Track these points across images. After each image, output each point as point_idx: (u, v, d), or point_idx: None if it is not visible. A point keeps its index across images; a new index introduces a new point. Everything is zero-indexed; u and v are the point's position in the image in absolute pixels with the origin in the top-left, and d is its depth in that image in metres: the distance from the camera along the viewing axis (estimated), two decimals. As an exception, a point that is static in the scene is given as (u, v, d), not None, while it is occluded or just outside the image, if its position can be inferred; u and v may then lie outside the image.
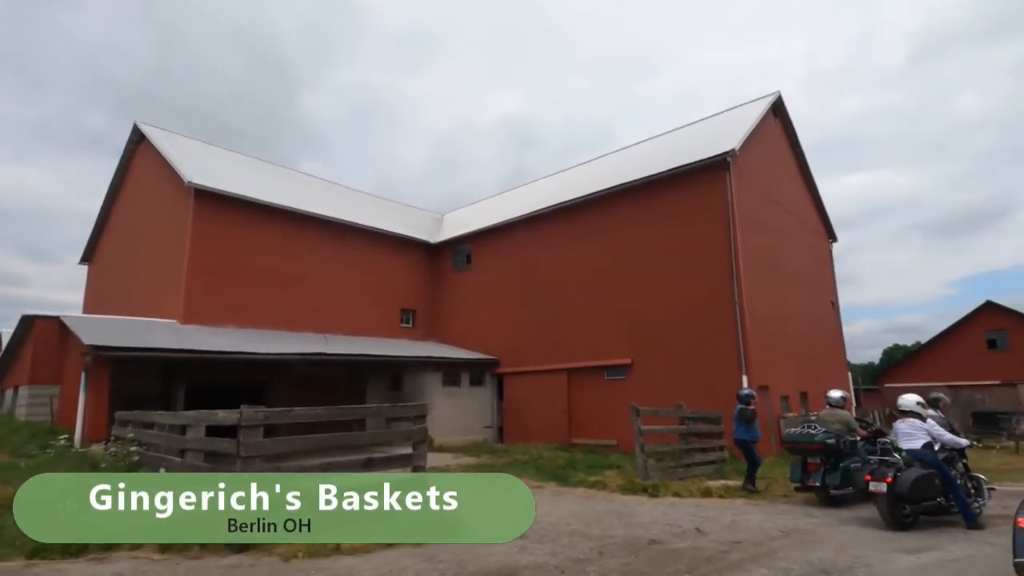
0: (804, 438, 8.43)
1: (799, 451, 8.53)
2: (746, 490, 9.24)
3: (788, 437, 8.75)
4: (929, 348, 28.96)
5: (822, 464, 8.30)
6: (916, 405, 7.26)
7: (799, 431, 8.71)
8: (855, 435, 8.85)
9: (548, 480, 10.88)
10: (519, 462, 13.67)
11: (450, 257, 22.53)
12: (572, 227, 18.43)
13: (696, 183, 15.67)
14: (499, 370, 19.66)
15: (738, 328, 14.19)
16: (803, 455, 8.49)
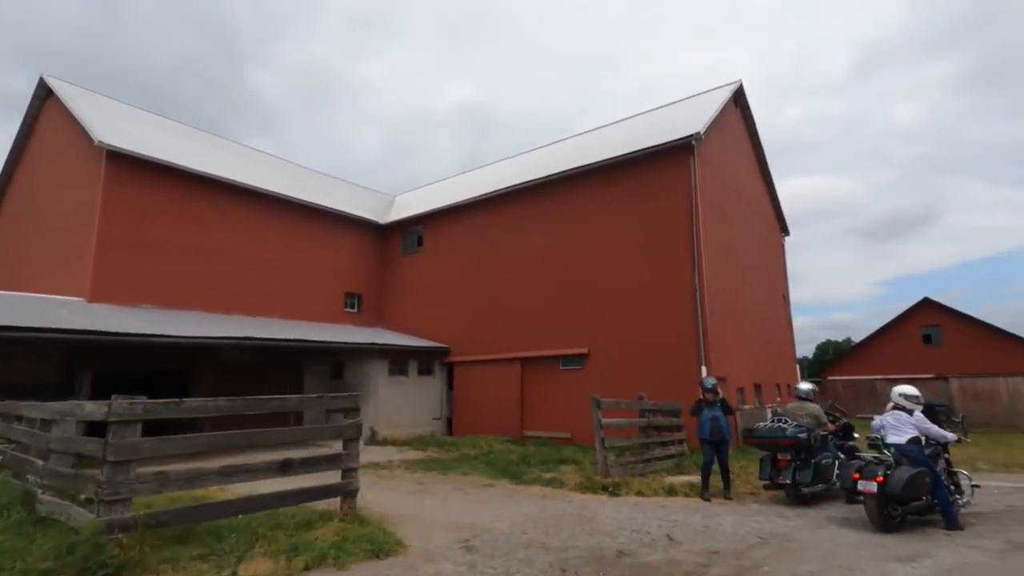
0: (775, 433, 7.88)
1: (769, 447, 7.99)
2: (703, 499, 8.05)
3: (758, 432, 8.19)
4: (869, 342, 29.93)
5: (792, 460, 7.78)
6: (902, 398, 6.78)
7: (769, 426, 8.17)
8: (825, 429, 8.40)
9: (500, 477, 10.02)
10: (468, 457, 12.78)
11: (400, 239, 21.25)
12: (529, 210, 17.57)
13: (659, 167, 15.08)
14: (450, 359, 18.64)
15: (698, 317, 13.72)
16: (773, 451, 7.95)
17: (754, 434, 8.29)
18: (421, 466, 11.60)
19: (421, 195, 24.48)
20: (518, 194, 17.86)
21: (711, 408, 8.59)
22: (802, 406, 8.64)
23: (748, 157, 20.43)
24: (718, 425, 8.43)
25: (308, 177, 23.38)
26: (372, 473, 10.80)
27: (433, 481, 9.85)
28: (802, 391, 9.01)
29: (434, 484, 9.52)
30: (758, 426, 8.42)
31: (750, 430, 15.27)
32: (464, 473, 10.56)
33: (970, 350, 25.81)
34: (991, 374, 25.82)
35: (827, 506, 7.64)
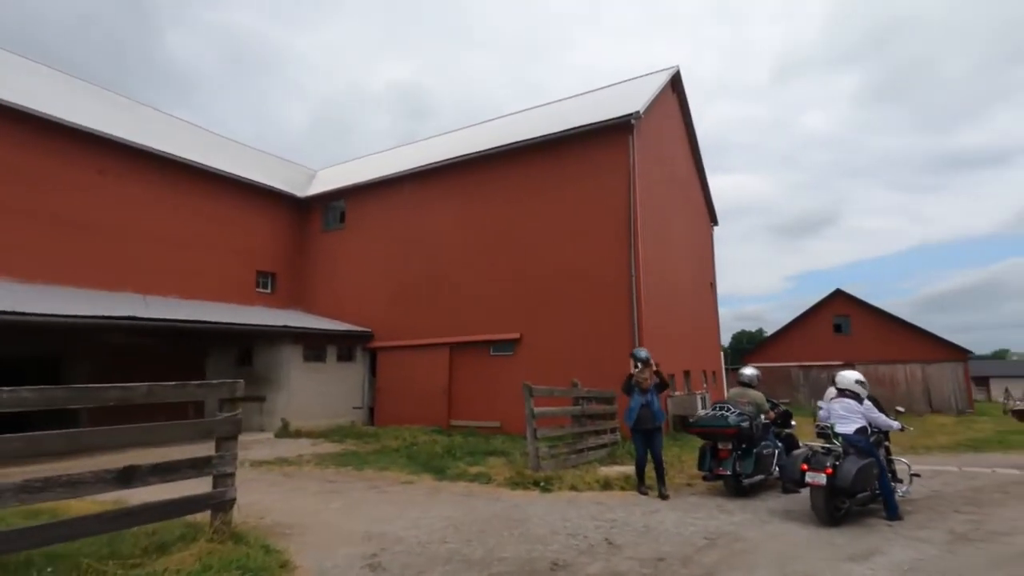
0: (717, 422, 7.43)
1: (710, 436, 7.55)
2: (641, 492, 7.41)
3: (699, 421, 7.73)
4: (785, 331, 31.37)
5: (733, 450, 7.38)
6: (856, 384, 6.45)
7: (711, 414, 7.73)
8: (766, 417, 8.09)
9: (422, 472, 9.11)
10: (389, 449, 11.76)
11: (320, 215, 19.60)
12: (461, 188, 16.56)
13: (597, 146, 14.52)
14: (373, 344, 17.40)
15: (633, 301, 13.33)
16: (713, 440, 7.52)
17: (695, 423, 7.83)
18: (335, 461, 10.47)
19: (346, 169, 22.80)
20: (449, 170, 16.80)
21: (643, 393, 7.64)
22: (744, 392, 8.30)
23: (683, 144, 20.39)
24: (650, 412, 7.50)
25: (219, 144, 21.10)
26: (278, 470, 9.59)
27: (346, 478, 8.79)
28: (745, 377, 8.65)
29: (347, 482, 8.47)
30: (699, 414, 7.97)
31: (685, 418, 15.24)
32: (382, 468, 9.55)
33: (874, 339, 27.53)
34: (891, 361, 27.69)
35: (765, 496, 7.31)
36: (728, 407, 7.71)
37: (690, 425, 7.89)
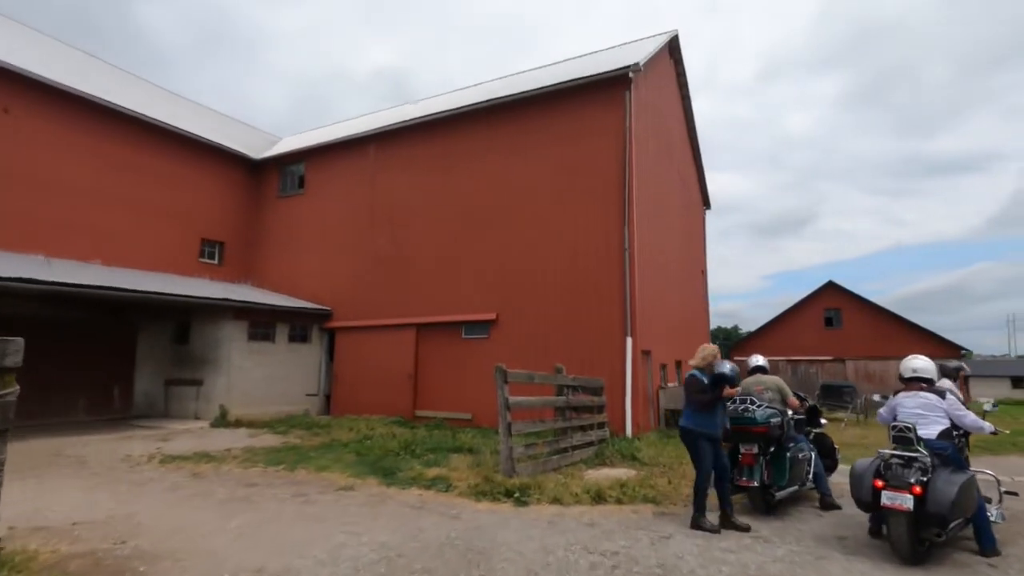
0: (742, 420, 5.82)
1: (733, 437, 5.93)
2: (702, 527, 5.06)
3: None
4: (774, 324, 30.23)
5: (759, 454, 5.77)
6: (933, 372, 4.89)
7: (732, 408, 6.12)
8: (791, 407, 6.53)
9: (368, 474, 7.35)
10: (338, 444, 9.97)
11: (277, 179, 17.54)
12: (434, 151, 14.69)
13: (590, 103, 12.78)
14: (331, 324, 15.50)
15: (626, 280, 11.69)
16: (734, 441, 5.91)
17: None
18: (268, 457, 8.65)
19: (313, 136, 20.69)
20: (421, 131, 14.92)
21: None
22: (760, 380, 6.73)
23: (679, 117, 18.78)
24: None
25: (167, 98, 18.84)
26: (189, 469, 7.75)
27: (270, 481, 6.99)
28: (760, 360, 7.12)
29: (269, 487, 6.68)
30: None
31: (677, 412, 13.73)
32: (321, 468, 7.78)
33: (866, 333, 26.50)
34: (882, 357, 26.71)
35: (801, 513, 5.74)
36: (750, 399, 6.11)
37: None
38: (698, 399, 5.21)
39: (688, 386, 5.31)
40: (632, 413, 11.16)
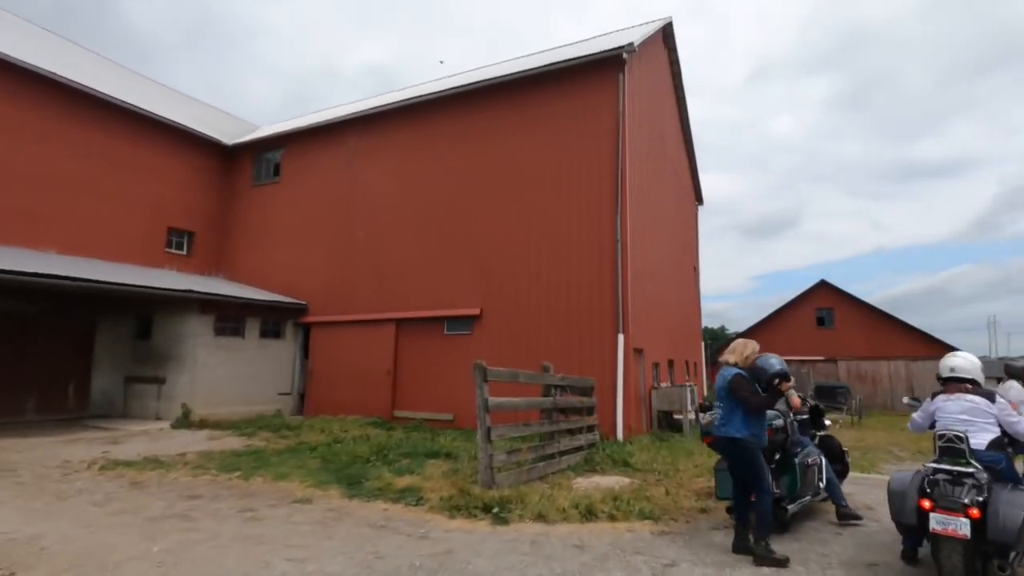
0: None
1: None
2: (765, 556, 4.14)
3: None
4: (764, 324, 29.77)
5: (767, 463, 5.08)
6: (977, 371, 4.22)
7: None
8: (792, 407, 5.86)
9: (331, 484, 6.57)
10: (305, 447, 9.16)
11: (251, 166, 16.63)
12: (418, 137, 13.90)
13: (581, 86, 12.06)
14: (306, 319, 14.64)
15: (618, 274, 10.99)
16: None
17: (707, 429, 5.46)
18: (224, 463, 7.83)
19: (293, 123, 19.76)
20: (402, 116, 14.11)
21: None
22: None
23: (672, 108, 18.15)
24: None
25: (133, 79, 17.84)
26: (131, 477, 6.93)
27: (217, 492, 6.19)
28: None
29: (214, 499, 5.87)
30: (711, 417, 5.62)
31: (670, 414, 13.03)
32: (280, 476, 6.98)
33: (859, 333, 26.10)
34: (874, 357, 26.32)
35: (818, 528, 5.06)
36: None
37: (706, 433, 5.55)
38: (754, 403, 4.31)
39: (737, 388, 4.38)
40: (623, 415, 10.47)
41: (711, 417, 5.54)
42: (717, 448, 4.89)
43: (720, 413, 4.61)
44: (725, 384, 4.48)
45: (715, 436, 4.68)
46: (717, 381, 4.73)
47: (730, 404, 4.44)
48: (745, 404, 4.35)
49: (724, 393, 4.49)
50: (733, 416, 4.41)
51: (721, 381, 4.57)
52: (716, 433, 4.61)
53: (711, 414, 5.55)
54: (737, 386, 4.38)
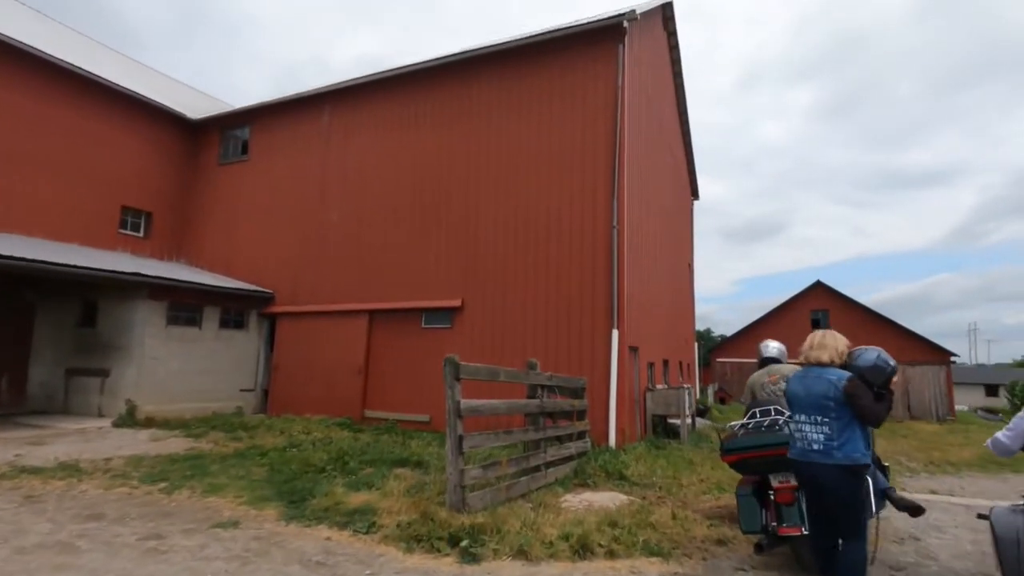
0: (772, 439, 4.10)
1: (760, 465, 4.20)
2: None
3: (741, 441, 4.32)
4: (757, 325, 29.02)
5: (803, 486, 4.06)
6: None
7: (754, 424, 4.40)
8: None
9: (270, 501, 5.46)
10: (255, 452, 8.02)
11: (218, 144, 15.36)
12: (399, 113, 12.75)
13: (577, 58, 11.01)
14: (272, 308, 13.45)
15: (614, 264, 9.97)
16: (763, 471, 4.19)
17: (734, 446, 4.39)
18: (153, 471, 6.68)
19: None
20: (384, 90, 12.96)
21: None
22: (772, 371, 5.12)
23: (670, 94, 17.17)
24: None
25: (92, 47, 16.47)
26: (33, 485, 5.78)
27: (125, 511, 5.04)
28: (773, 349, 5.45)
29: (118, 521, 4.74)
30: (733, 431, 4.55)
31: (664, 418, 12.05)
32: (213, 489, 5.85)
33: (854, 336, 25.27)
34: (869, 362, 25.61)
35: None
36: (775, 407, 4.42)
37: (728, 451, 4.49)
38: (877, 414, 3.26)
39: (858, 395, 3.22)
40: (617, 419, 9.45)
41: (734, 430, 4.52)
42: (805, 478, 3.53)
43: (808, 430, 3.38)
44: (836, 391, 3.26)
45: (811, 462, 3.34)
46: (800, 387, 3.48)
47: (844, 417, 3.25)
48: (869, 417, 3.23)
49: (832, 403, 3.28)
50: (849, 434, 3.22)
51: (823, 387, 3.33)
52: (816, 459, 3.31)
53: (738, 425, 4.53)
54: (859, 392, 3.22)
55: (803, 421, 3.40)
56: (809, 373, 3.46)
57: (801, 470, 3.44)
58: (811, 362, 3.49)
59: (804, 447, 3.36)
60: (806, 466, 3.35)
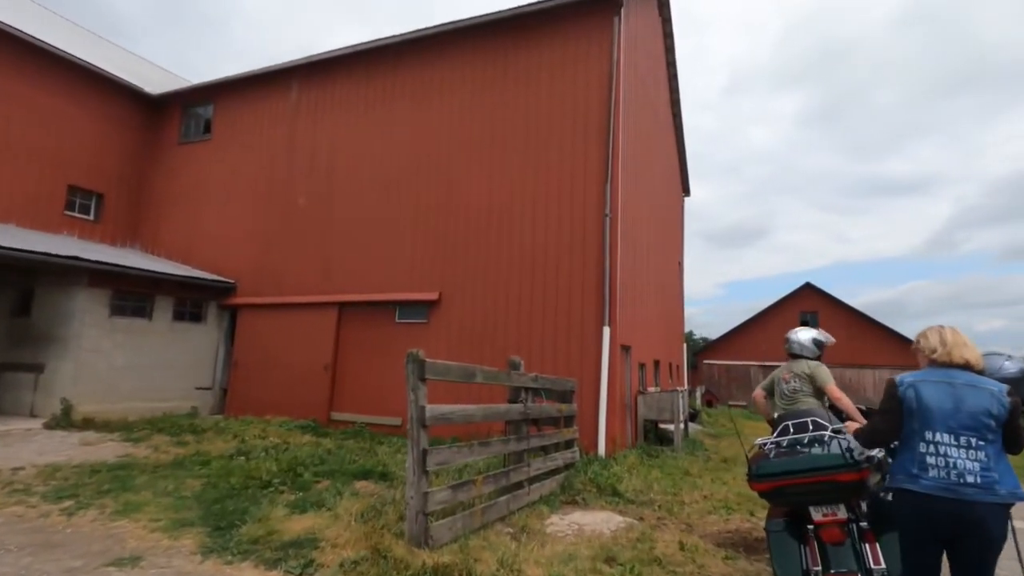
0: (816, 461, 3.19)
1: (799, 493, 3.29)
2: None
3: (774, 465, 3.39)
4: (746, 327, 28.47)
5: (854, 520, 3.20)
6: None
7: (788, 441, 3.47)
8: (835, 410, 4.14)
9: (196, 524, 4.49)
10: (195, 461, 7.00)
11: (179, 121, 14.20)
12: (375, 89, 11.77)
13: (569, 29, 10.14)
14: (234, 300, 12.36)
15: (606, 255, 9.11)
16: (801, 500, 3.30)
17: (766, 472, 3.44)
18: (64, 483, 5.65)
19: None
20: (358, 65, 11.95)
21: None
22: (790, 367, 4.35)
23: (664, 82, 16.40)
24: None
25: (41, 15, 15.19)
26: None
27: (11, 538, 4.03)
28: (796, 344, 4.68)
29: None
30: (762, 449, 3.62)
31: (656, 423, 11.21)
32: (127, 509, 4.84)
33: (843, 339, 24.90)
34: (858, 365, 25.22)
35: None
36: (811, 420, 3.54)
37: (759, 476, 3.54)
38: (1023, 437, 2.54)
39: (1018, 414, 2.51)
40: (607, 425, 8.59)
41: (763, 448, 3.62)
42: (942, 517, 2.50)
43: (956, 455, 2.49)
44: (1000, 407, 2.46)
45: (964, 499, 2.45)
46: (945, 396, 2.57)
47: (998, 442, 2.48)
48: (1020, 441, 2.52)
49: (993, 423, 2.47)
50: (1004, 463, 2.46)
51: (984, 401, 2.49)
52: (972, 495, 2.43)
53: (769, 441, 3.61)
54: (1019, 414, 2.47)
55: (946, 443, 2.48)
56: (955, 379, 2.56)
57: (940, 509, 2.49)
58: (955, 363, 2.60)
59: (949, 478, 2.46)
60: (954, 504, 2.43)
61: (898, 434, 2.77)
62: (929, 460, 2.51)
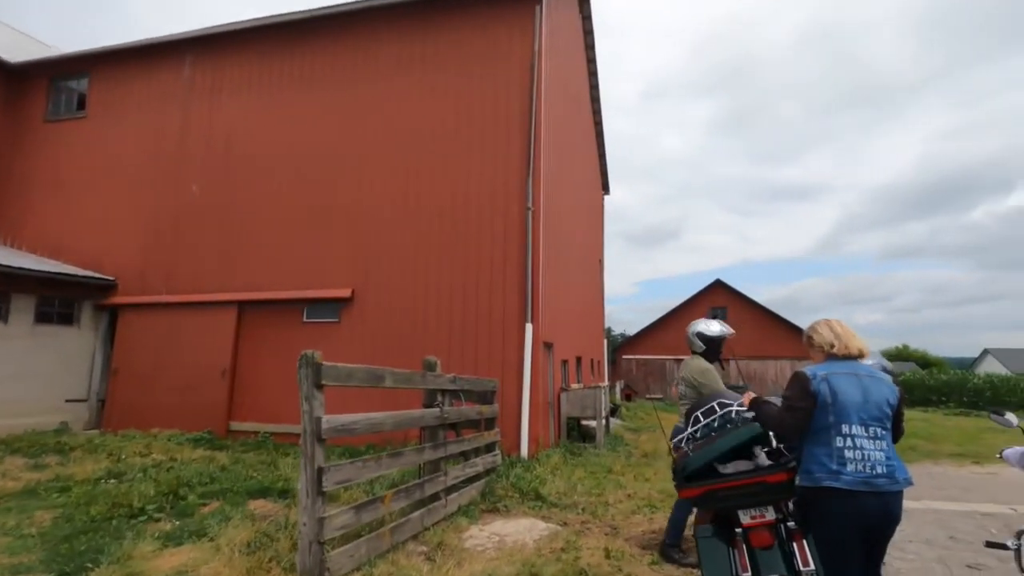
0: (732, 440, 2.99)
1: (733, 496, 3.09)
2: None
3: (701, 457, 3.10)
4: (661, 323, 29.51)
5: (782, 521, 3.05)
6: None
7: (704, 430, 3.27)
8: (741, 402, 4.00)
9: (36, 570, 3.66)
10: (58, 484, 5.98)
11: (46, 96, 12.41)
12: (280, 70, 10.80)
13: (495, 19, 9.76)
14: (114, 299, 10.94)
15: (528, 249, 8.83)
16: (732, 504, 3.09)
17: (691, 470, 3.18)
18: None
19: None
20: (259, 42, 10.93)
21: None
22: (691, 364, 4.33)
23: (584, 78, 16.45)
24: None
25: None
26: None
27: None
28: (689, 336, 4.68)
29: None
30: (681, 447, 3.38)
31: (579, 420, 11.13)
32: (-55, 556, 3.91)
33: (750, 333, 26.40)
34: (763, 357, 26.84)
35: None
36: (717, 401, 3.36)
37: (687, 480, 3.27)
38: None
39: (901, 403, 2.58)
40: (530, 425, 8.32)
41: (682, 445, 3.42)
42: (869, 512, 2.40)
43: (869, 447, 2.46)
44: (895, 397, 2.51)
45: (880, 491, 2.41)
46: (855, 389, 2.49)
47: (890, 431, 2.53)
48: (900, 430, 2.60)
49: (890, 412, 2.50)
50: (892, 451, 2.46)
51: (885, 391, 2.50)
52: (884, 486, 2.42)
53: (684, 438, 3.42)
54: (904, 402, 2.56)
55: (860, 435, 2.40)
56: (858, 371, 2.48)
57: (864, 503, 2.39)
58: (852, 354, 2.49)
59: (866, 471, 2.37)
60: (874, 497, 2.36)
61: (805, 430, 2.64)
62: (848, 454, 2.42)
